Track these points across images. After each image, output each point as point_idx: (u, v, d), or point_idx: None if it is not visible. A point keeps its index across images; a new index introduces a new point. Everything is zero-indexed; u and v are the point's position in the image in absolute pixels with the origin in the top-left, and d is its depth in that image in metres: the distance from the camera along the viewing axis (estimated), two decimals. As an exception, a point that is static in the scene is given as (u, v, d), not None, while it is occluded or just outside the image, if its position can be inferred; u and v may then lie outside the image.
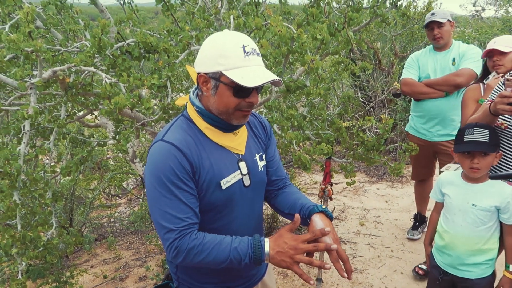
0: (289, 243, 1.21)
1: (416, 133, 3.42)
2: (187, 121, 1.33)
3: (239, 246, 1.22)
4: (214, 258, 1.22)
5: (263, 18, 2.72)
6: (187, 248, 1.22)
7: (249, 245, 1.23)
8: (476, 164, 1.94)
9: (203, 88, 1.27)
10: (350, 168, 2.87)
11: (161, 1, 2.16)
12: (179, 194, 1.22)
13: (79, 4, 3.11)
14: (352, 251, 3.63)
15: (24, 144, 1.79)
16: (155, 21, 10.75)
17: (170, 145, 1.23)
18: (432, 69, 3.22)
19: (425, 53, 3.32)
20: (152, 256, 3.79)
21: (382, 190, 5.11)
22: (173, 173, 1.21)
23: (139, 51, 2.11)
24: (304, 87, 2.30)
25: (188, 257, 1.23)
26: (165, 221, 1.22)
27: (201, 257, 1.22)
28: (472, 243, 2.01)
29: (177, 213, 1.22)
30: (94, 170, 5.61)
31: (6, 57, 1.73)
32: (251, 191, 1.40)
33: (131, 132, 2.13)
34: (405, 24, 5.98)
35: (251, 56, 1.21)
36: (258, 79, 1.18)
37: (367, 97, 6.56)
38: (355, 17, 2.25)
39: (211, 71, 1.22)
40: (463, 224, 2.03)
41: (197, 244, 1.22)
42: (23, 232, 1.87)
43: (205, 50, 1.24)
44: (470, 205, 2.00)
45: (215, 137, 1.32)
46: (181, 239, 1.22)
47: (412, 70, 3.30)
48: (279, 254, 1.21)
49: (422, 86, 3.21)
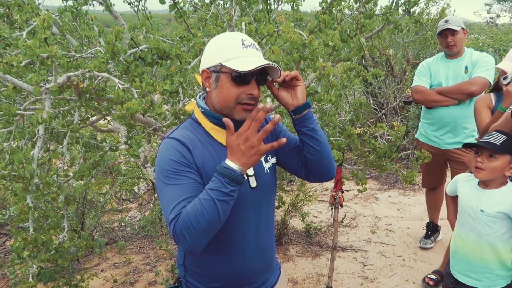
0: (241, 142, 1.15)
1: (427, 140, 3.38)
2: (193, 123, 1.37)
3: (213, 185, 1.16)
4: (207, 214, 1.13)
5: (275, 24, 2.73)
6: (181, 225, 1.15)
7: (218, 177, 1.16)
8: (480, 163, 1.92)
9: (206, 84, 1.31)
10: (361, 175, 2.84)
11: (174, 8, 2.18)
12: (182, 182, 1.22)
13: (94, 11, 3.17)
14: (363, 259, 3.59)
15: (38, 148, 1.82)
16: (168, 27, 10.88)
17: (174, 140, 1.28)
18: (444, 77, 3.19)
19: (436, 61, 3.29)
20: (162, 261, 3.80)
21: (394, 198, 5.06)
22: (175, 163, 1.24)
23: (152, 57, 2.13)
24: (315, 93, 2.29)
25: (188, 233, 1.14)
26: (168, 211, 1.20)
27: (196, 222, 1.13)
28: (482, 250, 1.98)
29: (176, 200, 1.20)
30: (106, 174, 5.66)
31: (22, 63, 1.76)
32: (258, 193, 1.40)
33: (143, 137, 2.15)
34: (418, 31, 5.94)
35: (250, 48, 1.26)
36: (253, 64, 1.20)
37: (379, 104, 6.51)
38: (367, 23, 2.24)
39: (212, 64, 1.27)
40: (473, 229, 2.00)
41: (184, 215, 1.15)
42: (35, 235, 1.89)
43: (206, 50, 1.31)
44: (478, 211, 1.97)
45: (221, 137, 1.33)
46: (174, 220, 1.17)
47: (424, 77, 3.27)
48: (244, 157, 1.16)
49: (434, 94, 3.18)
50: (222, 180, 1.15)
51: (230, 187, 1.16)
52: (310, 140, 1.36)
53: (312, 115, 1.36)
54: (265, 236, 1.47)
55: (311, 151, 1.37)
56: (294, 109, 1.33)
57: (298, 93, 1.33)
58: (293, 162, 1.46)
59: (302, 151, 1.40)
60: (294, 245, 3.91)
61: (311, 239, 3.99)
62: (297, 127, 1.37)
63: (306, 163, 1.42)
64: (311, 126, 1.35)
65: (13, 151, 2.14)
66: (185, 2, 2.27)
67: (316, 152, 1.38)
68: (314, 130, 1.36)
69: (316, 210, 4.76)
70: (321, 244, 3.90)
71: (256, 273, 1.48)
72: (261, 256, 1.47)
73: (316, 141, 1.36)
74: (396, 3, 2.46)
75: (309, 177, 1.47)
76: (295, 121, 1.36)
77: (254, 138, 1.15)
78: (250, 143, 1.15)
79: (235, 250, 1.40)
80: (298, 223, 4.24)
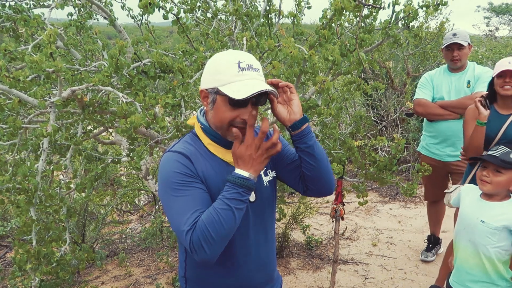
0: (251, 152, 1.23)
1: (428, 153, 3.37)
2: (194, 137, 1.39)
3: (228, 195, 1.21)
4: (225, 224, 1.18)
5: (276, 38, 2.77)
6: (199, 236, 1.17)
7: (234, 187, 1.21)
8: (485, 176, 1.94)
9: (204, 103, 1.34)
10: (362, 187, 2.85)
11: (177, 23, 2.22)
12: (189, 193, 1.24)
13: (98, 24, 3.22)
14: (364, 272, 3.57)
15: (42, 161, 1.84)
16: (169, 39, 10.98)
17: (176, 153, 1.30)
18: (446, 90, 3.18)
19: (439, 73, 3.28)
20: (162, 274, 3.78)
21: (395, 210, 5.05)
22: (179, 175, 1.26)
23: (154, 71, 2.17)
24: (316, 106, 2.32)
25: (207, 243, 1.17)
26: (181, 223, 1.20)
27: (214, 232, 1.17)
28: (480, 261, 1.97)
29: (189, 211, 1.22)
30: (107, 186, 5.67)
31: (29, 77, 1.79)
32: (258, 207, 1.41)
33: (145, 150, 2.17)
34: (418, 44, 6.00)
35: (246, 71, 1.26)
36: (248, 91, 1.21)
37: (379, 116, 6.54)
38: (367, 38, 2.28)
39: (209, 86, 1.29)
40: (471, 239, 2.00)
41: (201, 226, 1.18)
42: (38, 247, 1.90)
43: (206, 68, 1.34)
44: (479, 221, 1.97)
45: (219, 153, 1.36)
46: (191, 231, 1.19)
47: (426, 90, 3.26)
48: (256, 164, 1.24)
49: (436, 107, 3.17)
50: (239, 190, 1.21)
51: (246, 196, 1.22)
52: (308, 157, 1.36)
53: (311, 131, 1.36)
54: (265, 248, 1.48)
55: (309, 167, 1.38)
56: (292, 125, 1.34)
57: (294, 107, 1.34)
58: (291, 176, 1.47)
59: (300, 167, 1.41)
60: (295, 257, 3.89)
61: (312, 252, 3.98)
62: (295, 144, 1.38)
63: (305, 179, 1.43)
64: (309, 143, 1.35)
65: (17, 164, 2.16)
66: (188, 17, 2.32)
67: (314, 169, 1.38)
68: (312, 147, 1.35)
69: (317, 222, 4.75)
70: (322, 257, 3.89)
71: (257, 285, 1.48)
72: (261, 269, 1.48)
73: (314, 158, 1.36)
74: (396, 17, 2.50)
75: (307, 192, 1.47)
76: (294, 137, 1.37)
77: (264, 146, 1.23)
78: (260, 151, 1.23)
79: (236, 263, 1.41)
80: (299, 236, 4.23)
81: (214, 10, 2.89)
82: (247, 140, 1.23)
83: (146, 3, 2.04)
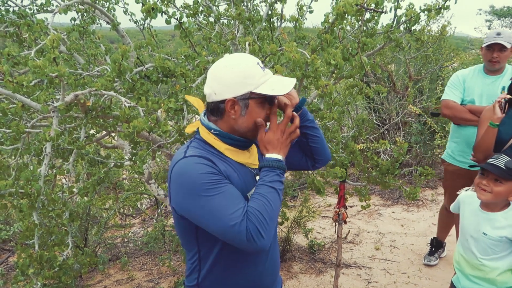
0: (278, 136, 1.33)
1: (454, 161, 3.14)
2: (202, 144, 1.37)
3: (268, 178, 1.29)
4: (273, 204, 1.25)
5: (278, 42, 2.77)
6: (255, 223, 1.19)
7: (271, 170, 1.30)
8: (485, 185, 1.90)
9: (231, 112, 1.32)
10: (364, 191, 2.85)
11: (180, 28, 2.23)
12: (223, 189, 1.23)
13: (101, 29, 3.24)
14: (367, 276, 3.56)
15: (45, 166, 1.85)
16: (172, 43, 11.02)
17: (195, 157, 1.27)
18: (478, 94, 2.93)
19: (473, 74, 3.01)
20: (165, 278, 3.77)
21: (398, 214, 5.03)
22: (207, 174, 1.23)
23: (157, 75, 2.17)
24: (318, 110, 2.32)
25: (263, 228, 1.20)
26: (228, 219, 1.19)
27: (268, 216, 1.22)
28: (485, 270, 1.96)
29: (232, 205, 1.21)
30: (109, 189, 5.67)
31: (32, 82, 1.80)
32: None
33: (148, 154, 2.17)
34: (420, 48, 6.00)
35: (265, 70, 1.35)
36: (286, 86, 1.32)
37: (381, 120, 6.53)
38: (368, 42, 2.28)
39: (240, 94, 1.30)
40: (474, 251, 1.99)
41: (254, 213, 1.21)
42: (41, 252, 1.90)
43: (224, 77, 1.30)
44: (481, 233, 1.95)
45: (234, 156, 1.38)
46: (244, 221, 1.20)
47: (456, 91, 2.99)
48: (285, 147, 1.35)
49: (465, 112, 2.91)
50: (277, 171, 1.30)
51: (283, 177, 1.31)
52: (312, 131, 1.53)
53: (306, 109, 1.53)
54: (275, 246, 1.52)
55: (316, 140, 1.55)
56: (296, 107, 1.46)
57: (292, 92, 1.48)
58: (297, 158, 1.59)
59: (307, 144, 1.55)
60: (297, 261, 3.88)
61: (315, 256, 3.97)
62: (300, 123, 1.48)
63: (312, 153, 1.58)
64: (311, 118, 1.53)
65: (19, 168, 2.16)
66: (190, 22, 2.33)
67: (318, 139, 1.55)
68: (313, 121, 1.54)
69: (320, 226, 4.74)
70: (325, 261, 3.88)
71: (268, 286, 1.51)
72: (274, 268, 1.52)
73: (317, 130, 1.55)
74: (397, 21, 2.50)
75: (316, 165, 1.62)
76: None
77: (288, 131, 1.35)
78: (286, 135, 1.35)
79: (257, 260, 1.43)
80: (302, 240, 4.22)
81: (216, 14, 2.89)
82: (273, 126, 1.34)
83: (149, 8, 2.05)
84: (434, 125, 5.66)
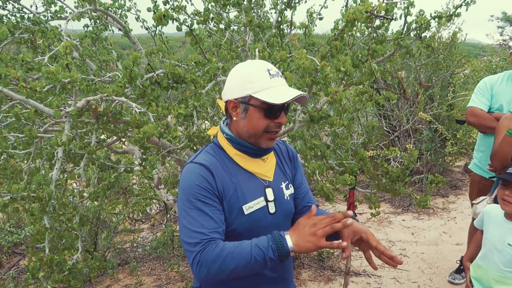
0: (308, 225, 1.21)
1: (481, 171, 2.99)
2: (216, 148, 1.40)
3: (259, 242, 1.21)
4: (237, 262, 1.19)
5: (287, 49, 2.78)
6: (209, 259, 1.20)
7: (269, 239, 1.21)
8: (507, 196, 1.87)
9: (233, 114, 1.35)
10: (374, 198, 2.82)
11: (191, 35, 2.25)
12: (204, 208, 1.26)
13: (113, 35, 3.28)
14: (377, 284, 3.52)
15: (57, 170, 1.87)
16: (182, 50, 11.10)
17: (198, 165, 1.31)
18: (507, 101, 2.78)
19: (502, 80, 2.85)
20: (173, 283, 3.77)
21: (408, 222, 4.97)
22: (199, 188, 1.28)
23: (167, 82, 2.19)
24: (327, 117, 2.32)
25: (212, 268, 1.20)
26: (188, 237, 1.25)
27: (224, 263, 1.19)
28: (506, 281, 1.92)
29: (201, 228, 1.24)
30: (119, 195, 5.71)
31: (45, 88, 1.83)
32: (277, 219, 1.41)
33: (157, 159, 2.19)
34: (430, 54, 5.96)
35: (276, 77, 1.31)
36: (286, 96, 1.27)
37: (391, 126, 6.49)
38: (378, 49, 2.27)
39: (240, 96, 1.31)
40: (497, 262, 1.94)
41: (217, 251, 1.20)
42: (51, 255, 1.91)
43: (232, 79, 1.34)
44: (506, 244, 1.92)
45: (244, 163, 1.38)
46: (203, 251, 1.22)
47: (483, 98, 2.84)
48: (301, 239, 1.19)
49: (492, 120, 2.73)
50: (272, 245, 1.19)
51: (271, 254, 1.18)
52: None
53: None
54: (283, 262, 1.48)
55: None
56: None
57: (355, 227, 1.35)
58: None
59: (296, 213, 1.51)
60: (306, 269, 3.85)
61: (324, 263, 3.93)
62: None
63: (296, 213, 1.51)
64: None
65: (31, 172, 2.19)
66: (201, 29, 2.35)
67: None
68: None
69: (329, 233, 4.70)
70: (334, 269, 3.84)
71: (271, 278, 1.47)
72: (278, 282, 1.47)
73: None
74: (408, 28, 2.49)
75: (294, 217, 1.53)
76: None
77: (320, 229, 1.19)
78: (314, 229, 1.20)
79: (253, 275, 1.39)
80: (310, 247, 4.18)
81: (226, 21, 2.92)
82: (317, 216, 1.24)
83: (160, 15, 2.08)
84: (445, 132, 5.61)
